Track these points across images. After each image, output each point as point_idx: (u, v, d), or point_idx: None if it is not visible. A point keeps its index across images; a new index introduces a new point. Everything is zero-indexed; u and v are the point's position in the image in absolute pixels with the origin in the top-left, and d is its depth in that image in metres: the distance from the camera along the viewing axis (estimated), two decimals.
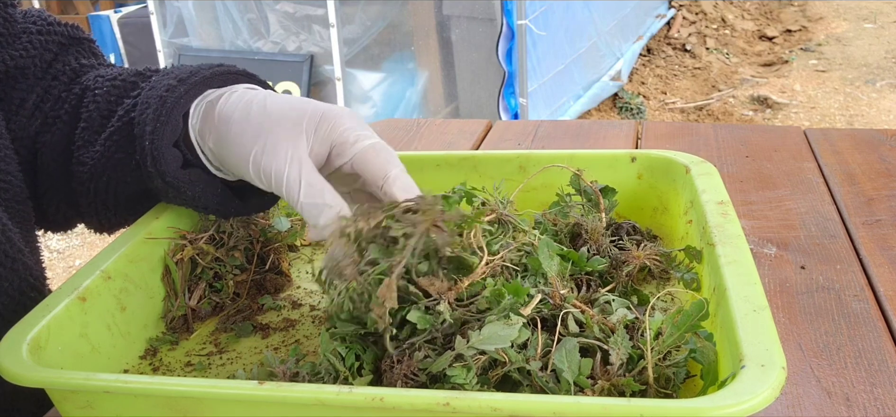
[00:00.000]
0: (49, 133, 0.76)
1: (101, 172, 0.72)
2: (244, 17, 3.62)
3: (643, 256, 0.69)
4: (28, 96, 0.76)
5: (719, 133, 1.18)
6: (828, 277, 0.79)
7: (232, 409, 0.51)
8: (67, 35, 0.80)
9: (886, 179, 1.00)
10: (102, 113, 0.74)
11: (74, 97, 0.76)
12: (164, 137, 0.67)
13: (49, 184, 0.77)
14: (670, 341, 0.53)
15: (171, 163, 0.67)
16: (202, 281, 0.73)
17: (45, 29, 0.78)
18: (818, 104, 4.05)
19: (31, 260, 0.72)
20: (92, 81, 0.77)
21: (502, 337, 0.53)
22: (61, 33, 0.79)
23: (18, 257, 0.69)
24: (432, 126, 1.31)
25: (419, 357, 0.53)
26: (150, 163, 0.67)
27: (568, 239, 0.73)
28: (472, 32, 3.29)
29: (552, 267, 0.62)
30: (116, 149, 0.71)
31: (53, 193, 0.77)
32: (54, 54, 0.78)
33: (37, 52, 0.77)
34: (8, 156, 0.73)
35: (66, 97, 0.77)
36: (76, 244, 3.38)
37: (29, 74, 0.76)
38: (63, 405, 0.56)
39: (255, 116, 0.65)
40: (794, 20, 5.18)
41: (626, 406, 0.44)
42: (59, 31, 0.79)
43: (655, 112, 4.14)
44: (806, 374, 0.66)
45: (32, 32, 0.77)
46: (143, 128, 0.67)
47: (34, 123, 0.76)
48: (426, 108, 3.51)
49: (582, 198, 0.76)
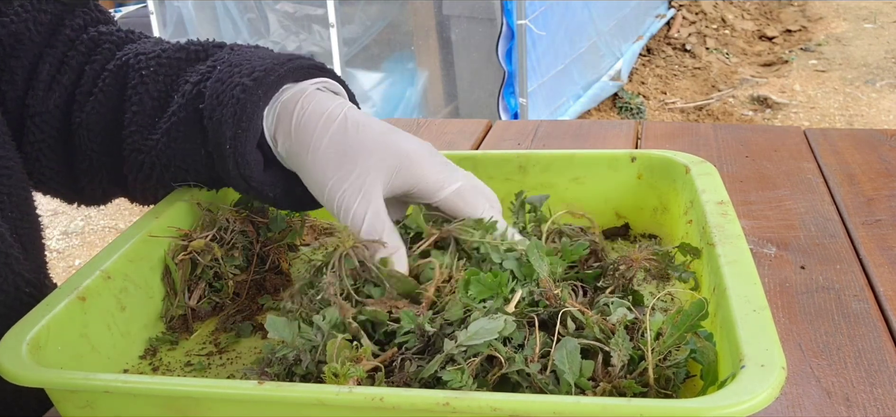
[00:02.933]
0: (83, 112, 0.74)
1: (169, 162, 0.71)
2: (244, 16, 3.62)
3: (641, 257, 0.68)
4: (40, 66, 0.74)
5: (719, 133, 1.18)
6: (828, 277, 0.79)
7: (232, 409, 0.51)
8: (64, 1, 0.77)
9: (886, 179, 1.00)
10: (153, 96, 0.72)
11: (109, 75, 0.74)
12: (247, 143, 0.66)
13: (87, 164, 0.75)
14: (670, 341, 0.53)
15: (255, 168, 0.67)
16: (202, 281, 0.73)
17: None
18: (818, 104, 4.05)
19: (22, 253, 0.70)
20: (133, 59, 0.74)
21: (489, 330, 0.53)
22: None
23: (10, 252, 0.67)
24: (432, 126, 1.31)
25: (411, 369, 0.53)
26: (233, 167, 0.67)
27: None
28: (471, 32, 3.29)
29: (543, 269, 0.61)
30: (183, 139, 0.70)
31: (94, 172, 0.76)
32: (56, 17, 0.76)
33: (30, 16, 0.74)
34: (5, 142, 0.71)
35: (99, 72, 0.74)
36: (76, 244, 3.38)
37: (25, 40, 0.74)
38: (63, 404, 0.56)
39: (336, 141, 0.64)
40: (794, 20, 5.18)
41: (626, 406, 0.44)
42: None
43: (655, 112, 4.14)
44: (806, 374, 0.66)
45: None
46: (219, 127, 0.66)
47: (53, 97, 0.74)
48: (426, 108, 3.51)
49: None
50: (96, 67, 0.75)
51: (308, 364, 0.55)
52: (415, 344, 0.55)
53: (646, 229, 0.82)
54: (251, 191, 0.69)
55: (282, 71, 0.68)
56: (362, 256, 0.60)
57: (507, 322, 0.53)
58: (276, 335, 0.56)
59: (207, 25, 3.74)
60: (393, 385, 0.53)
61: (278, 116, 0.67)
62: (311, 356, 0.55)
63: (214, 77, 0.69)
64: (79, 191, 0.79)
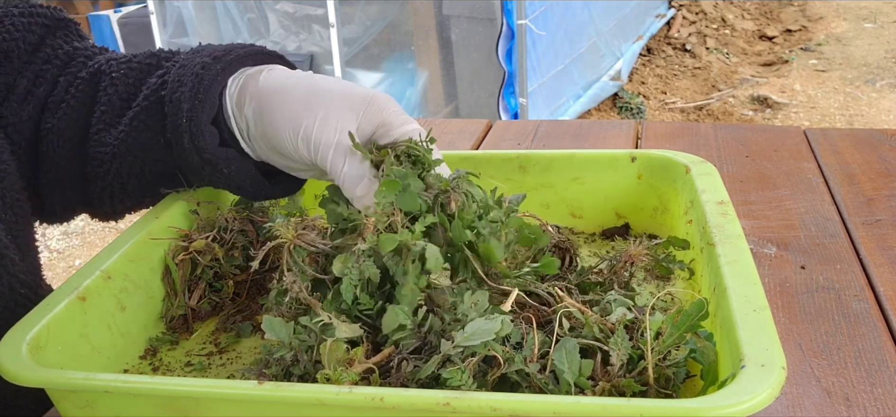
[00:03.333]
0: (54, 118, 0.75)
1: (127, 152, 0.72)
2: (244, 16, 3.62)
3: (639, 253, 0.69)
4: (18, 81, 0.75)
5: (719, 133, 1.18)
6: (828, 277, 0.79)
7: (232, 409, 0.51)
8: (51, 17, 0.79)
9: (886, 179, 1.00)
10: (122, 96, 0.74)
11: (82, 81, 0.76)
12: (203, 114, 0.68)
13: (54, 172, 0.76)
14: (670, 341, 0.53)
15: (209, 139, 0.68)
16: (202, 281, 0.73)
17: (27, 11, 0.77)
18: (818, 104, 4.05)
19: (17, 255, 0.70)
20: (105, 65, 0.76)
21: (486, 330, 0.52)
22: (45, 15, 0.78)
23: (5, 253, 0.68)
24: (432, 126, 1.31)
25: (408, 369, 0.53)
26: (188, 140, 0.68)
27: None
28: (471, 32, 3.29)
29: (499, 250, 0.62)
30: (144, 128, 0.72)
31: (58, 181, 0.77)
32: (40, 37, 0.78)
33: (20, 35, 0.76)
34: (1, 146, 0.72)
35: (72, 81, 0.76)
36: (76, 244, 3.38)
37: (13, 57, 0.75)
38: (63, 405, 0.56)
39: (303, 90, 0.67)
40: (794, 20, 5.18)
41: (626, 405, 0.44)
42: (43, 14, 0.78)
43: (655, 112, 4.14)
44: (806, 374, 0.66)
45: (14, 15, 0.76)
46: (178, 105, 0.68)
47: (27, 108, 0.75)
48: (426, 108, 3.51)
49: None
50: (69, 77, 0.77)
51: (306, 364, 0.55)
52: (411, 342, 0.55)
53: (646, 229, 0.82)
54: (205, 167, 0.69)
55: (241, 52, 0.71)
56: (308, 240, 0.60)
57: (504, 322, 0.53)
58: (273, 335, 0.56)
59: (207, 25, 3.74)
60: (390, 385, 0.53)
61: (242, 86, 0.69)
62: (308, 356, 0.55)
63: (178, 64, 0.72)
64: (40, 206, 0.79)
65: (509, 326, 0.54)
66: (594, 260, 0.78)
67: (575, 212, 0.83)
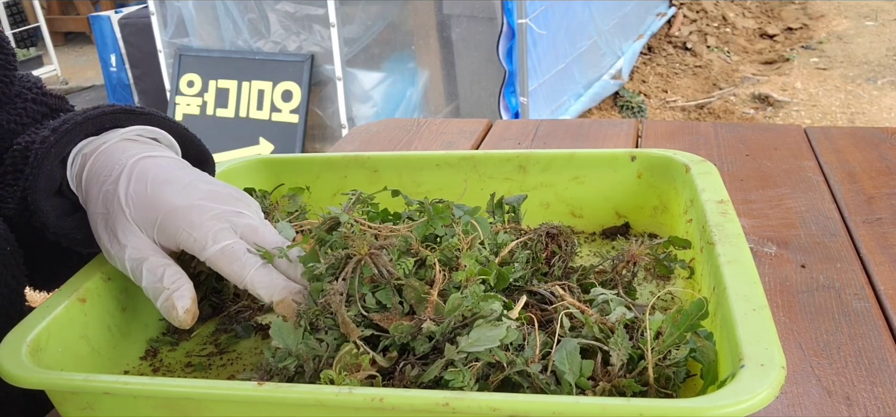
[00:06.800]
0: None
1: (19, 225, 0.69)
2: (244, 16, 3.62)
3: (641, 252, 0.69)
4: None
5: (719, 131, 1.18)
6: (828, 276, 0.79)
7: (232, 410, 0.51)
8: (52, 107, 0.78)
9: (887, 177, 1.00)
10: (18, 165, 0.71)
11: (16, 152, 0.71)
12: (38, 192, 0.65)
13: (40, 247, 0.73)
14: (670, 341, 0.53)
15: (49, 215, 0.66)
16: (202, 283, 0.73)
17: (39, 99, 0.76)
18: (819, 102, 4.04)
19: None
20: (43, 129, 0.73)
21: (491, 337, 0.52)
22: (49, 105, 0.77)
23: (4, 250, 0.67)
24: (432, 125, 1.31)
25: (412, 374, 0.53)
26: (35, 218, 0.66)
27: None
28: (472, 32, 3.29)
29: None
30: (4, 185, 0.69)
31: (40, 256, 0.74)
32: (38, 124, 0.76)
33: (29, 120, 0.75)
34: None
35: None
36: None
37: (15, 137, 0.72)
38: (63, 406, 0.56)
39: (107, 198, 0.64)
40: (795, 18, 5.18)
41: (626, 405, 0.44)
42: (48, 103, 0.77)
43: (656, 110, 4.14)
44: (806, 373, 0.66)
45: (28, 99, 0.75)
46: (25, 182, 0.65)
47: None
48: (427, 108, 3.51)
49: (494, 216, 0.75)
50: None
51: (311, 374, 0.55)
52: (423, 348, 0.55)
53: (646, 228, 0.82)
54: (59, 240, 0.67)
55: (80, 119, 0.68)
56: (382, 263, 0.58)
57: (509, 329, 0.53)
58: (280, 342, 0.56)
59: (207, 26, 3.74)
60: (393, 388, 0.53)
61: (79, 167, 0.67)
62: (315, 365, 0.55)
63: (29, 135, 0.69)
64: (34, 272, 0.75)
65: (514, 333, 0.54)
66: (595, 259, 0.78)
67: (575, 212, 0.83)
